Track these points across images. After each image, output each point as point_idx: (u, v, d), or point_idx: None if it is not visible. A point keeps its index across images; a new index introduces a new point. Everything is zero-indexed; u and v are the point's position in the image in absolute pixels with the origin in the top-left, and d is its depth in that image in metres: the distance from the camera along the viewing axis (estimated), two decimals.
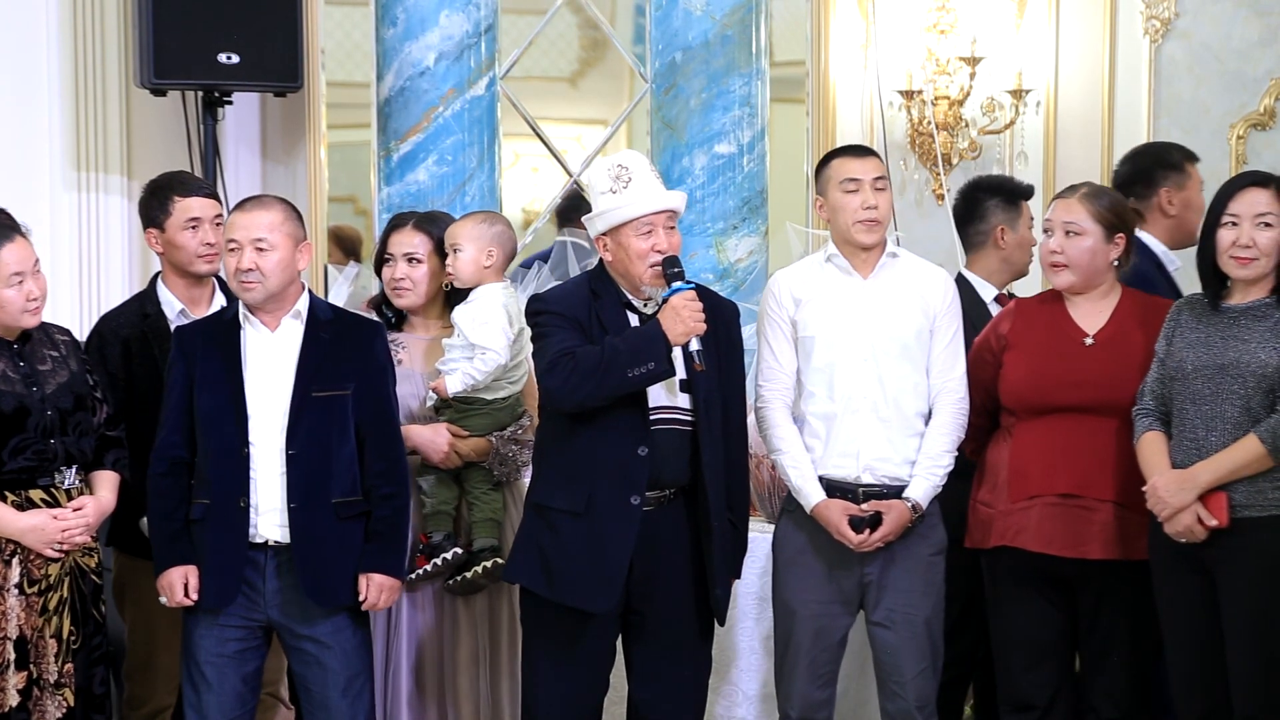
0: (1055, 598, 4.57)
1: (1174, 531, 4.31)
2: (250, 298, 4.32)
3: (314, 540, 4.29)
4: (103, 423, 4.41)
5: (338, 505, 4.33)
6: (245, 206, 4.39)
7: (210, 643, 4.30)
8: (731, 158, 6.10)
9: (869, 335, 4.53)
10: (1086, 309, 4.61)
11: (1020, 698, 4.62)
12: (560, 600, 4.29)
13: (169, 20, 5.38)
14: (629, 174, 4.30)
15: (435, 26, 5.83)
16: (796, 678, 4.57)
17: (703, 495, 4.34)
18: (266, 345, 4.35)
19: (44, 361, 4.33)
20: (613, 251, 4.33)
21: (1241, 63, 5.99)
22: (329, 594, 4.31)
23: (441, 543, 4.65)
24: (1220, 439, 4.28)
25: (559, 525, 4.30)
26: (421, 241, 4.77)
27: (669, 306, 4.21)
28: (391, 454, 4.41)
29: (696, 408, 4.33)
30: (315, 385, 4.32)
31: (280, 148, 6.00)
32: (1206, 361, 4.33)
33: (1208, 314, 4.40)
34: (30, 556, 4.24)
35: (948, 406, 4.55)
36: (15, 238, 4.27)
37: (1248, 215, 4.34)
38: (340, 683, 4.34)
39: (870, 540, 4.44)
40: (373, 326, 4.50)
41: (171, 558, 4.29)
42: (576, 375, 4.19)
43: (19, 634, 4.22)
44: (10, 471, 4.22)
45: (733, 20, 6.09)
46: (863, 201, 4.54)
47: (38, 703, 4.25)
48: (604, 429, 4.26)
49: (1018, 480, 4.55)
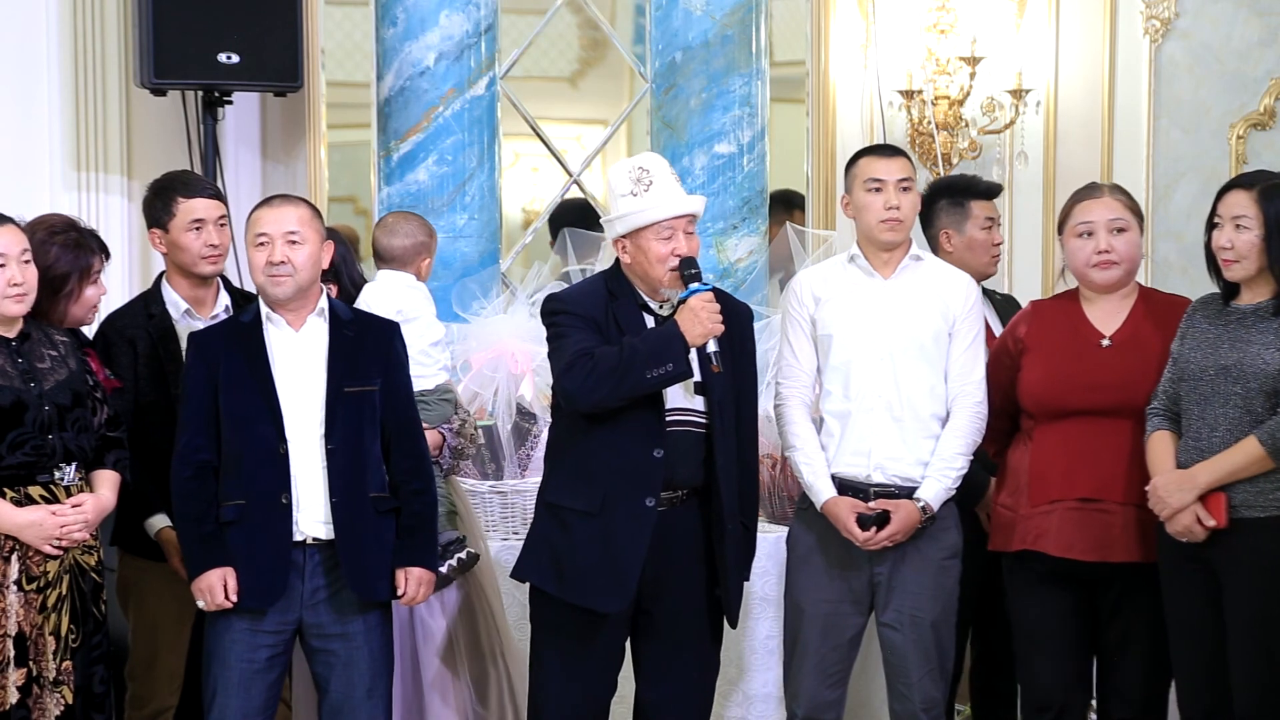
0: (1076, 601, 4.58)
1: (1174, 531, 4.33)
2: (280, 291, 4.31)
3: (356, 535, 4.30)
4: (104, 423, 4.40)
5: (375, 500, 4.34)
6: (273, 203, 4.40)
7: (242, 648, 4.29)
8: (731, 158, 6.09)
9: (886, 335, 4.54)
10: (1104, 310, 4.61)
11: (1042, 699, 4.63)
12: (571, 600, 4.29)
13: (169, 20, 5.37)
14: (650, 177, 4.29)
15: (435, 26, 5.82)
16: (804, 676, 4.57)
17: (716, 497, 4.33)
18: (293, 344, 4.35)
19: (42, 360, 4.32)
20: (632, 254, 4.32)
21: (1241, 63, 5.99)
22: (371, 588, 4.32)
23: (453, 544, 4.68)
24: (1222, 440, 4.29)
25: (572, 525, 4.29)
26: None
27: (687, 308, 4.21)
28: (417, 450, 4.43)
29: (711, 409, 4.33)
30: (347, 381, 4.33)
31: (280, 148, 6.00)
32: (1211, 362, 4.34)
33: (1218, 314, 4.41)
34: (29, 553, 4.23)
35: (965, 410, 4.56)
36: (5, 225, 4.26)
37: (1227, 217, 4.36)
38: (366, 682, 4.34)
39: (876, 539, 4.45)
40: (391, 326, 4.50)
41: (208, 560, 4.27)
42: (595, 375, 4.19)
43: (18, 631, 4.21)
44: (9, 467, 4.21)
45: (733, 20, 6.09)
46: (885, 202, 4.55)
47: (37, 700, 4.24)
48: (620, 430, 4.25)
49: (1038, 484, 4.56)
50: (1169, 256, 5.89)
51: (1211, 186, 5.94)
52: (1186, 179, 6.07)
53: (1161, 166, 6.12)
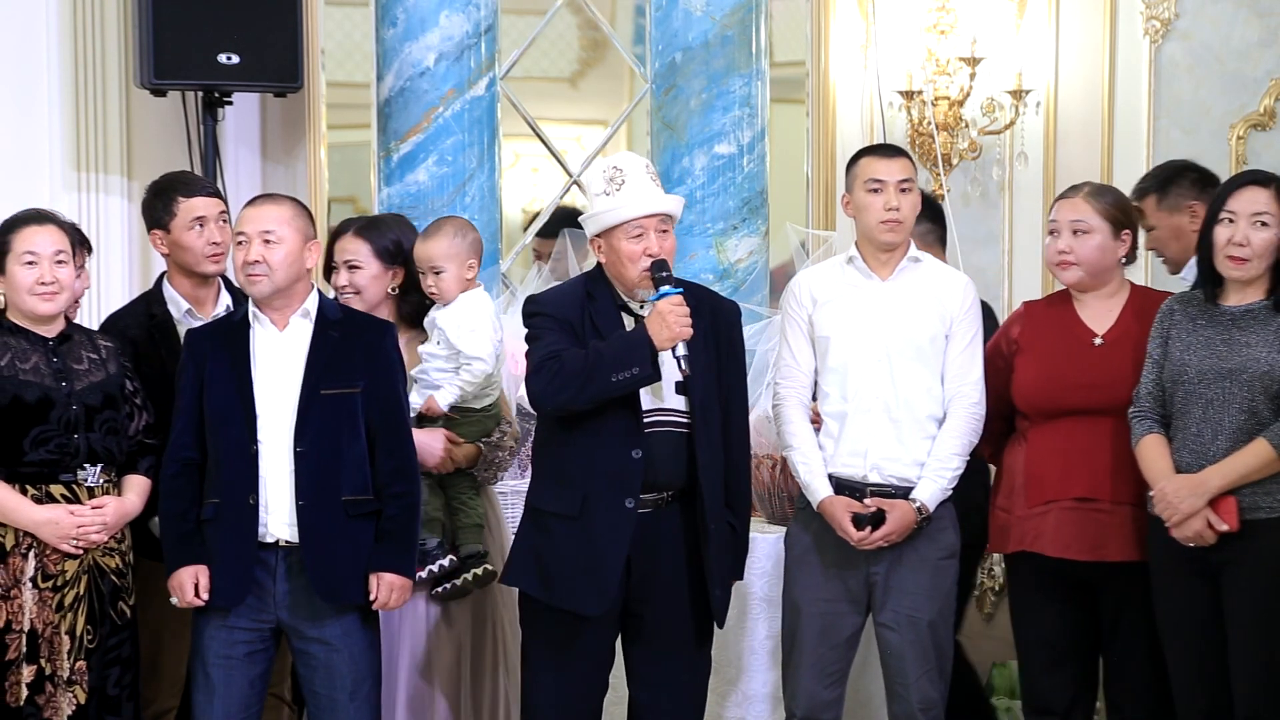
0: (1077, 601, 4.58)
1: (1183, 537, 4.30)
2: (256, 290, 4.31)
3: (323, 539, 4.28)
4: (141, 429, 4.42)
5: (347, 503, 4.31)
6: (256, 202, 4.42)
7: (218, 644, 4.30)
8: (731, 158, 6.09)
9: (883, 337, 4.54)
10: (1095, 309, 4.61)
11: (1042, 701, 4.63)
12: (555, 603, 4.28)
13: (169, 20, 5.38)
14: (623, 176, 4.29)
15: (435, 27, 5.82)
16: (802, 675, 4.57)
17: (699, 498, 4.33)
18: (275, 344, 4.35)
19: (80, 361, 4.36)
20: (605, 254, 4.32)
21: (1241, 63, 5.99)
22: (339, 593, 4.30)
23: (434, 550, 4.64)
24: (1226, 444, 4.28)
25: (553, 528, 4.30)
26: (360, 248, 4.77)
27: (655, 311, 4.20)
28: (402, 452, 4.40)
29: (693, 410, 4.32)
30: (324, 383, 4.32)
31: (280, 148, 6.00)
32: (1210, 366, 4.32)
33: (1205, 315, 4.38)
34: (46, 551, 4.26)
35: (961, 411, 4.56)
36: (46, 224, 4.34)
37: (1244, 213, 4.32)
38: (348, 686, 4.33)
39: (871, 539, 4.45)
40: (383, 326, 4.49)
41: (182, 558, 4.29)
42: (560, 378, 4.19)
43: (30, 628, 4.22)
44: (31, 464, 4.24)
45: (733, 20, 6.08)
46: (885, 203, 4.55)
47: (50, 699, 4.26)
48: (598, 432, 4.25)
49: (1034, 485, 4.56)
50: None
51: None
52: None
53: None
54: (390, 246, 4.79)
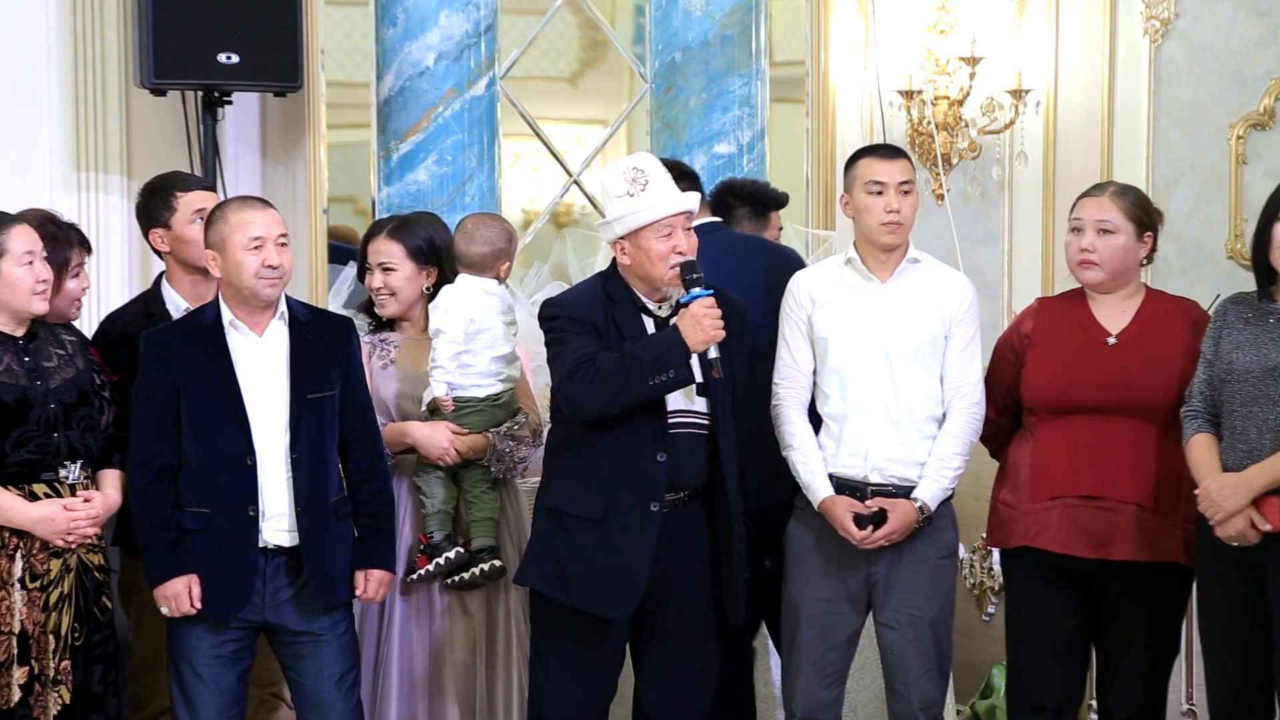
0: (1075, 599, 4.57)
1: (1226, 535, 4.26)
2: (273, 294, 4.31)
3: (319, 542, 4.31)
4: (111, 423, 4.41)
5: (335, 505, 4.36)
6: (254, 205, 4.39)
7: (208, 644, 4.31)
8: (731, 158, 6.10)
9: (883, 339, 4.54)
10: (1110, 308, 4.60)
11: (1033, 698, 4.62)
12: (578, 607, 4.28)
13: (169, 20, 5.37)
14: (645, 176, 4.29)
15: (435, 26, 5.83)
16: (802, 675, 4.57)
17: (722, 498, 4.34)
18: (255, 351, 4.34)
19: (49, 359, 4.34)
20: (631, 255, 4.32)
21: (1241, 63, 5.98)
22: (336, 593, 4.34)
23: (442, 543, 4.65)
24: (1272, 441, 4.22)
25: (575, 531, 4.29)
26: (394, 249, 4.78)
27: (689, 314, 4.20)
28: (375, 449, 4.46)
29: (714, 410, 4.33)
30: (309, 387, 4.32)
31: (280, 148, 6.00)
32: (1256, 363, 4.28)
33: (1255, 313, 4.35)
34: (33, 551, 4.24)
35: (961, 411, 4.56)
36: (22, 222, 4.31)
37: None
38: (335, 675, 4.37)
39: (873, 538, 4.45)
40: (347, 324, 4.51)
41: (171, 568, 4.28)
42: (597, 383, 4.18)
43: (21, 629, 4.22)
44: (13, 464, 4.22)
45: (733, 20, 6.09)
46: (885, 205, 4.55)
47: (39, 699, 4.26)
48: (622, 435, 4.25)
49: (1039, 481, 4.55)
50: (1169, 256, 5.86)
51: (1211, 187, 5.97)
52: (1186, 179, 6.05)
53: (1161, 167, 6.11)
54: (423, 246, 4.81)
